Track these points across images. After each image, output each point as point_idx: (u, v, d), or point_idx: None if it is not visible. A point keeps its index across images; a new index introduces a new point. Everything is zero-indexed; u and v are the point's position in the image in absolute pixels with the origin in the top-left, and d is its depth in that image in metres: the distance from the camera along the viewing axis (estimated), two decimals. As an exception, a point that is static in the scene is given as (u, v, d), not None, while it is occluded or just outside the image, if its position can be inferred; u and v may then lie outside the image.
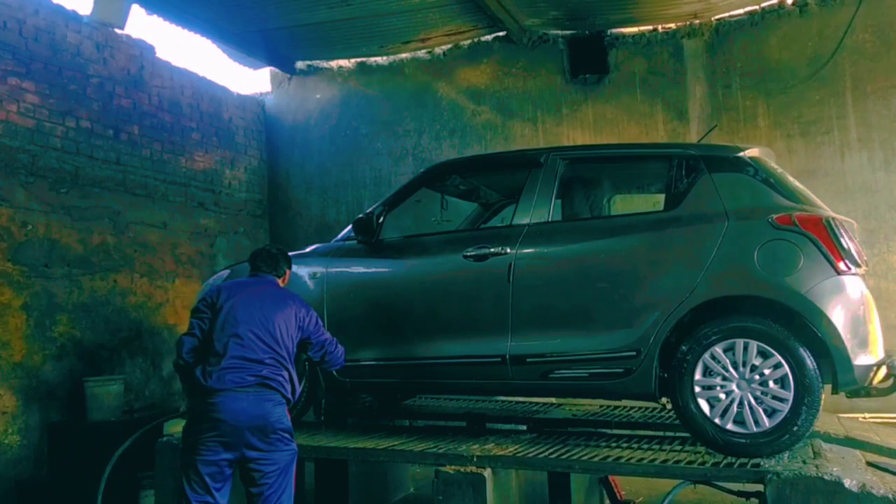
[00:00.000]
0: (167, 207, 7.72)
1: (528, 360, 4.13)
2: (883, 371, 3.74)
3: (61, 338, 6.45)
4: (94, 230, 6.87)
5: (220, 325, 3.81)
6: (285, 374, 3.85)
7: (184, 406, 4.04)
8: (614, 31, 8.10)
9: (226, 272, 5.13)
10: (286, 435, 3.79)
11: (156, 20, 7.75)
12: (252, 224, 9.01)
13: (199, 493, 3.67)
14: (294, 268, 4.80)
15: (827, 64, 7.29)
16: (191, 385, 3.79)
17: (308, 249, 4.97)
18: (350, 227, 4.72)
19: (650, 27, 8.01)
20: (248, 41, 8.54)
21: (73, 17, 6.89)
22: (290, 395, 3.86)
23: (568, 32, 8.22)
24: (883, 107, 7.14)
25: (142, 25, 13.11)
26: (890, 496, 3.20)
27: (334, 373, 4.57)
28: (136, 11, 7.54)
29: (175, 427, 4.74)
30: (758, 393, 3.67)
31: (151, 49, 7.68)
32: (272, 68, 9.38)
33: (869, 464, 3.85)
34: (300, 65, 9.37)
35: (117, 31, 7.31)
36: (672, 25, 7.93)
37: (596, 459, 3.84)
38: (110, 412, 6.24)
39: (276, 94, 9.48)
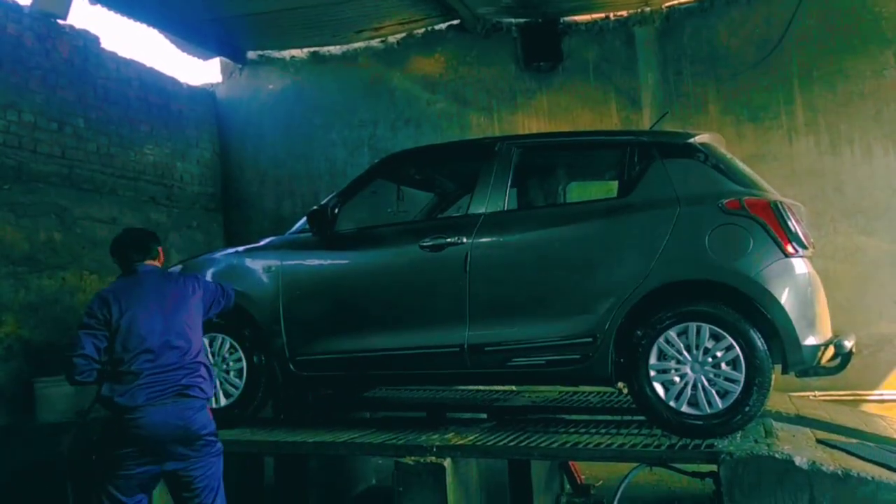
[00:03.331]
0: (116, 202, 7.53)
1: (486, 348, 4.14)
2: (830, 351, 3.84)
3: (8, 338, 6.27)
4: (40, 227, 6.67)
5: (123, 344, 3.62)
6: (203, 371, 3.75)
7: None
8: (567, 18, 8.11)
9: (178, 267, 5.03)
10: (211, 438, 3.72)
11: (99, 10, 7.53)
12: (205, 218, 8.85)
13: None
14: (248, 261, 4.75)
15: (774, 50, 7.41)
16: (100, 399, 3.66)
17: (262, 242, 4.90)
18: (304, 219, 4.66)
19: (602, 15, 8.04)
20: (197, 31, 8.36)
21: (13, 7, 6.66)
22: (211, 392, 3.78)
23: (521, 20, 8.21)
24: (829, 91, 7.29)
25: (85, 15, 12.76)
26: (839, 472, 3.29)
27: (291, 367, 4.52)
28: (79, 1, 7.32)
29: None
30: (711, 375, 3.74)
31: (96, 40, 7.46)
32: (223, 58, 9.18)
33: (819, 441, 3.95)
34: (251, 55, 9.20)
35: (60, 21, 7.08)
36: (624, 13, 7.97)
37: (554, 446, 3.88)
38: (60, 414, 6.09)
39: (228, 85, 9.30)
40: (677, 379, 3.79)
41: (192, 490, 3.65)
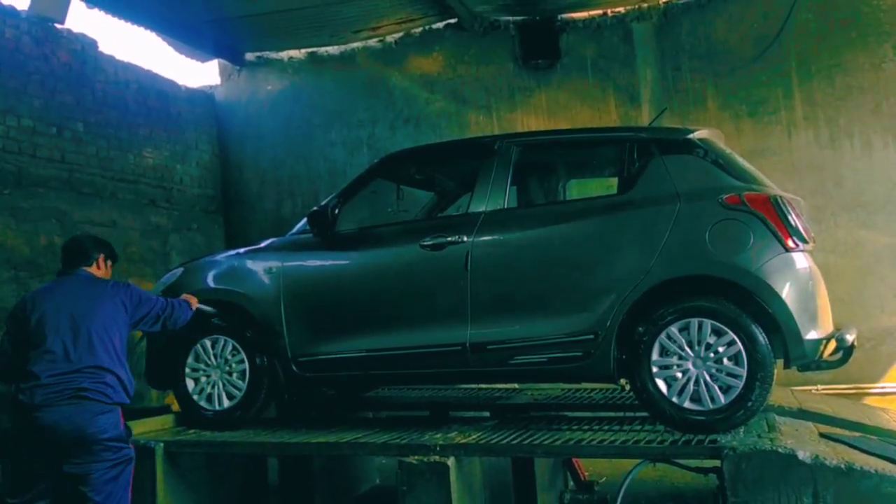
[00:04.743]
0: (116, 205, 7.54)
1: (488, 347, 4.14)
2: (832, 345, 3.84)
3: (10, 343, 6.26)
4: (41, 231, 6.67)
5: (31, 342, 3.67)
6: (110, 377, 3.73)
7: None
8: (564, 15, 8.12)
9: (180, 270, 5.04)
10: (114, 443, 3.71)
11: (97, 13, 7.54)
12: (206, 220, 8.85)
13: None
14: (249, 263, 4.74)
15: (772, 44, 7.41)
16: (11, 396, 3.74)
17: (263, 244, 4.90)
18: (305, 220, 4.66)
19: (600, 11, 8.04)
20: (194, 33, 8.36)
21: (10, 12, 6.66)
22: (119, 399, 3.76)
23: (518, 18, 8.21)
24: (827, 85, 7.29)
25: (83, 19, 12.79)
26: (842, 466, 3.29)
27: (294, 368, 4.52)
28: (77, 5, 7.32)
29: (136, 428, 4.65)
30: (713, 370, 3.74)
31: (94, 43, 7.46)
32: (221, 60, 9.19)
33: (822, 435, 3.95)
34: (249, 56, 9.21)
35: (57, 26, 7.09)
36: (621, 9, 7.97)
37: (557, 443, 3.88)
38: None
39: (226, 87, 9.30)
40: (679, 375, 3.79)
41: (87, 496, 3.65)
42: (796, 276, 3.77)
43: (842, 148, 7.23)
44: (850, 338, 3.91)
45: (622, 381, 4.17)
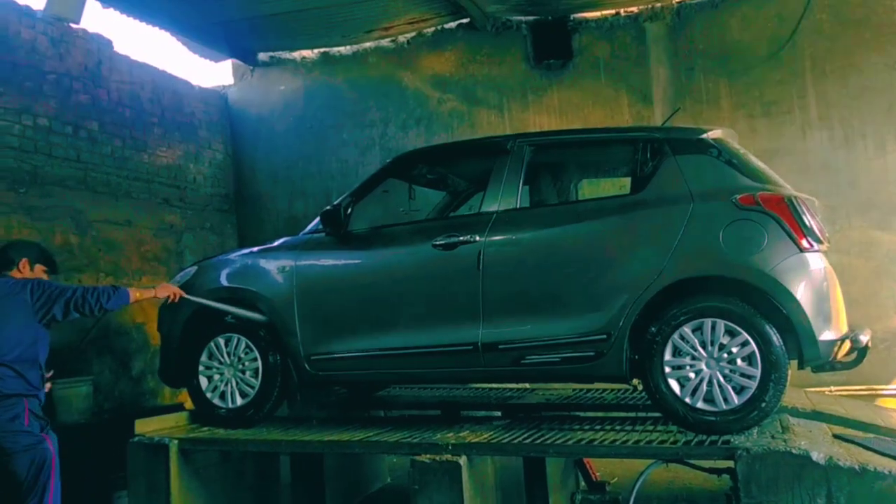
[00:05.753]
0: (131, 204, 7.59)
1: (499, 346, 4.14)
2: (847, 345, 3.82)
3: (26, 341, 6.31)
4: (56, 230, 6.72)
5: None
6: (3, 370, 3.96)
7: None
8: (577, 15, 8.11)
9: (193, 268, 5.07)
10: (12, 432, 3.96)
11: (113, 14, 7.60)
12: (219, 219, 8.90)
13: None
14: (262, 262, 4.77)
15: (786, 44, 7.38)
16: None
17: (276, 243, 4.93)
18: (318, 219, 4.68)
19: (613, 11, 8.03)
20: (208, 33, 8.40)
21: (27, 12, 6.71)
22: (13, 389, 3.99)
23: (531, 18, 8.21)
24: (841, 85, 7.25)
25: (98, 19, 12.88)
26: (856, 467, 3.28)
27: (306, 366, 4.54)
28: (92, 5, 7.37)
29: (146, 426, 4.68)
30: (726, 371, 3.72)
31: (109, 43, 7.52)
32: (234, 60, 9.24)
33: (835, 436, 3.93)
34: (262, 56, 9.25)
35: (73, 25, 7.13)
36: (634, 9, 7.95)
37: (569, 443, 3.88)
38: (80, 414, 6.15)
39: (239, 87, 9.36)
40: (692, 375, 3.78)
41: (13, 484, 3.93)
42: (811, 277, 3.75)
43: (856, 148, 7.20)
44: (864, 339, 3.89)
45: (635, 381, 4.16)
